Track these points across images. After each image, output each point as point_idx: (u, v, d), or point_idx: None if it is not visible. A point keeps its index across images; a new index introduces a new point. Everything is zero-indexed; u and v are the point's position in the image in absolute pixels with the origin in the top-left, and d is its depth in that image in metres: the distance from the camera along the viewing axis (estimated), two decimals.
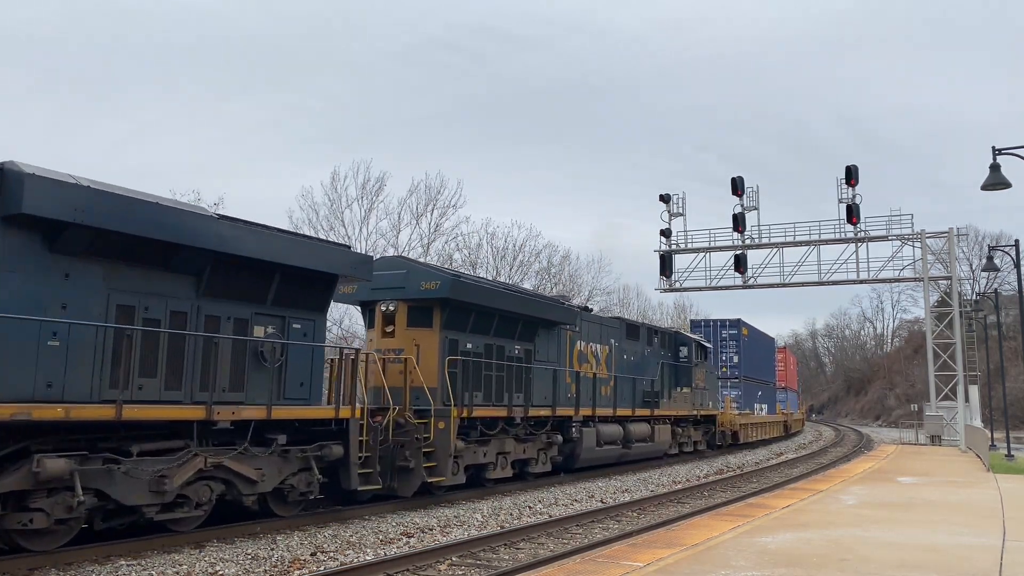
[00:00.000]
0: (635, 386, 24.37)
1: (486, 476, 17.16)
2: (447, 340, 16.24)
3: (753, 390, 43.95)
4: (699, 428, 30.00)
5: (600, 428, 21.47)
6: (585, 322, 22.12)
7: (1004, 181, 17.64)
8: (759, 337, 47.16)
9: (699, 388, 29.44)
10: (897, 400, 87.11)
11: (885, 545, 9.37)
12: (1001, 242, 52.67)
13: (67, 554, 9.70)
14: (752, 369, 43.24)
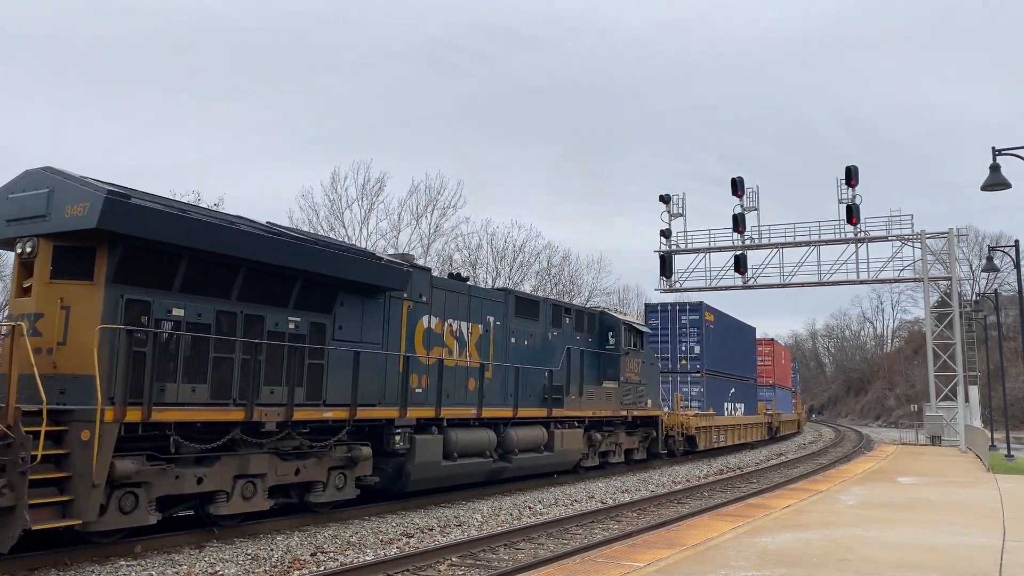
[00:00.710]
0: (524, 379, 18.22)
1: (210, 511, 11.31)
2: (123, 301, 10.36)
3: (722, 387, 36.10)
4: (635, 433, 24.14)
5: (453, 435, 15.47)
6: (439, 291, 16.20)
7: (1004, 181, 17.64)
8: (732, 326, 39.09)
9: (632, 383, 23.23)
10: (897, 400, 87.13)
11: (885, 545, 9.37)
12: (1001, 242, 52.69)
13: (67, 554, 9.70)
14: (720, 362, 35.83)
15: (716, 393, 34.53)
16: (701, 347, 33.76)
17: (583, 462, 21.03)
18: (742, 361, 40.29)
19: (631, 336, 23.56)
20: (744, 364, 40.72)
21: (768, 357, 49.60)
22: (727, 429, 33.86)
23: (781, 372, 52.71)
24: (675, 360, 33.66)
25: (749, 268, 38.60)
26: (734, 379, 38.17)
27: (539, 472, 19.14)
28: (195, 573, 9.51)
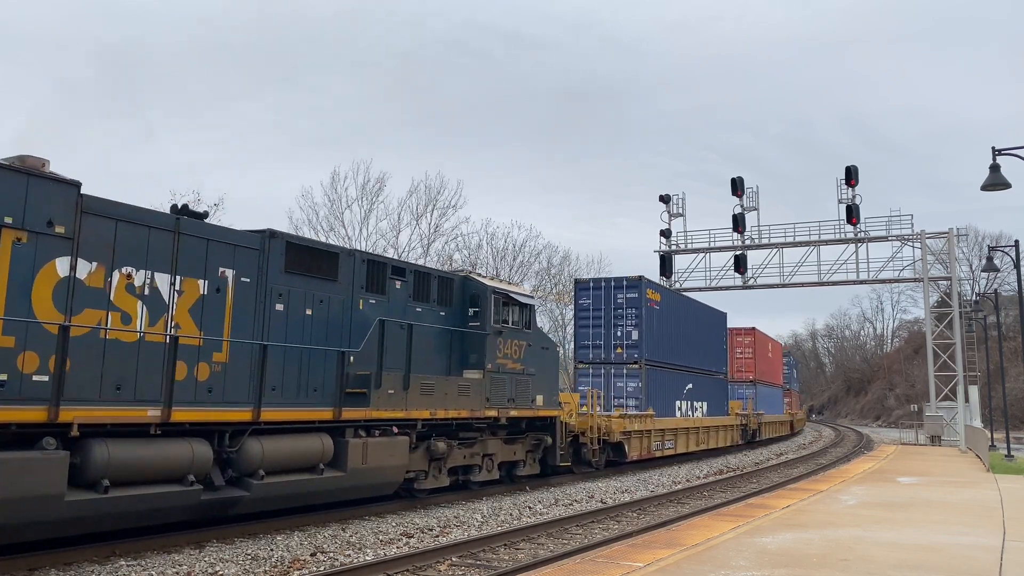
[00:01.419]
0: (299, 364, 12.87)
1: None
2: None
3: (671, 381, 28.80)
4: (520, 441, 18.15)
5: (99, 451, 9.51)
6: (102, 220, 10.32)
7: (1004, 181, 17.64)
8: (689, 309, 31.84)
9: (509, 372, 17.19)
10: (897, 400, 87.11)
11: (885, 545, 9.37)
12: (1001, 242, 52.71)
13: (67, 554, 9.70)
14: (668, 351, 28.53)
15: (661, 389, 27.83)
16: (640, 331, 26.44)
17: (418, 483, 15.08)
18: (705, 352, 32.97)
19: (510, 310, 17.41)
20: (709, 355, 33.50)
21: (748, 349, 42.80)
22: (677, 433, 27.81)
23: (767, 367, 45.96)
24: (609, 348, 27.09)
25: (749, 268, 38.71)
26: (692, 373, 31.03)
27: (318, 501, 12.90)
28: (195, 573, 9.51)
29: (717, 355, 34.98)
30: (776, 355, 50.70)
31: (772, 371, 47.52)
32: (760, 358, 43.88)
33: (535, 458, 18.89)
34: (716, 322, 35.37)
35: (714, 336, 34.76)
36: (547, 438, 18.94)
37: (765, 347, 46.42)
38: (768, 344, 48.27)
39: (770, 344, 49.21)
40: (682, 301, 31.94)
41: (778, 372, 50.32)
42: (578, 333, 28.15)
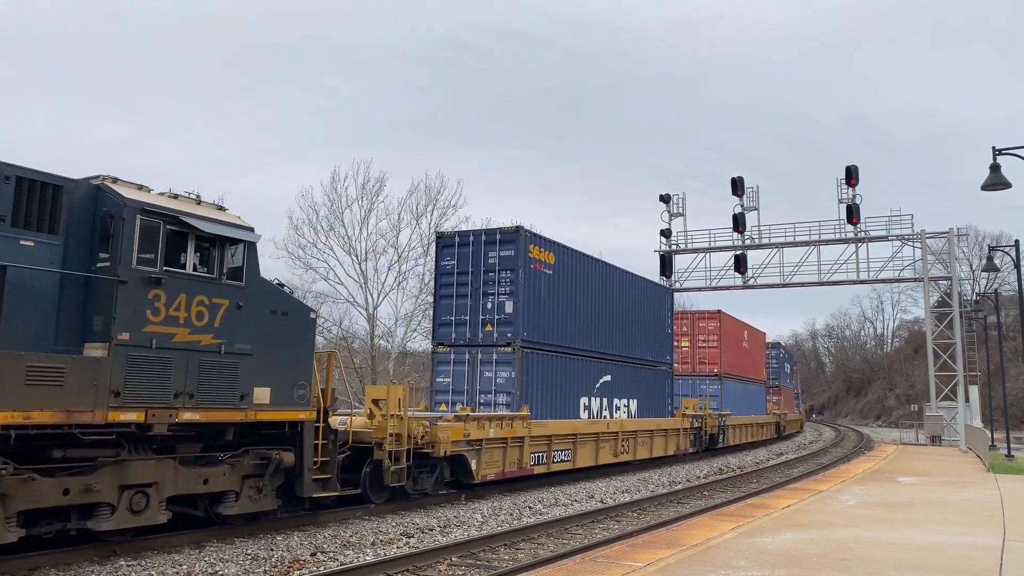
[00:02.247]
0: None
1: None
2: None
3: (574, 372, 21.82)
4: (227, 462, 11.41)
5: None
6: None
7: (1004, 181, 17.63)
8: (605, 276, 24.10)
9: (179, 347, 10.57)
10: (897, 400, 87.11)
11: (885, 545, 9.36)
12: (1001, 242, 52.70)
13: (67, 554, 9.70)
14: (566, 331, 21.43)
15: (554, 381, 20.82)
16: (517, 302, 19.50)
17: None
18: (636, 335, 25.43)
19: (187, 245, 10.88)
20: (643, 340, 26.01)
21: (713, 336, 35.05)
22: (577, 441, 20.75)
23: (742, 359, 38.67)
24: (476, 326, 20.07)
25: (749, 268, 38.69)
26: (612, 361, 23.86)
27: None
28: (195, 573, 9.51)
29: (657, 341, 27.27)
30: (756, 346, 43.19)
31: (749, 364, 40.24)
32: (729, 347, 36.43)
33: (262, 487, 11.82)
34: (654, 298, 27.27)
35: (652, 316, 27.01)
36: (283, 455, 11.93)
37: (737, 335, 38.62)
38: (743, 332, 40.13)
39: (746, 332, 40.72)
40: (595, 267, 23.59)
41: (759, 366, 43.13)
42: (437, 306, 21.11)
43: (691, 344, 35.37)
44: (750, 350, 41.31)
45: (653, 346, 27.13)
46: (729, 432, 33.01)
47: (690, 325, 35.77)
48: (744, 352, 39.87)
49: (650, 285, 27.79)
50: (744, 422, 36.56)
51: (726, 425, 32.40)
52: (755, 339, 43.33)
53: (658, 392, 27.44)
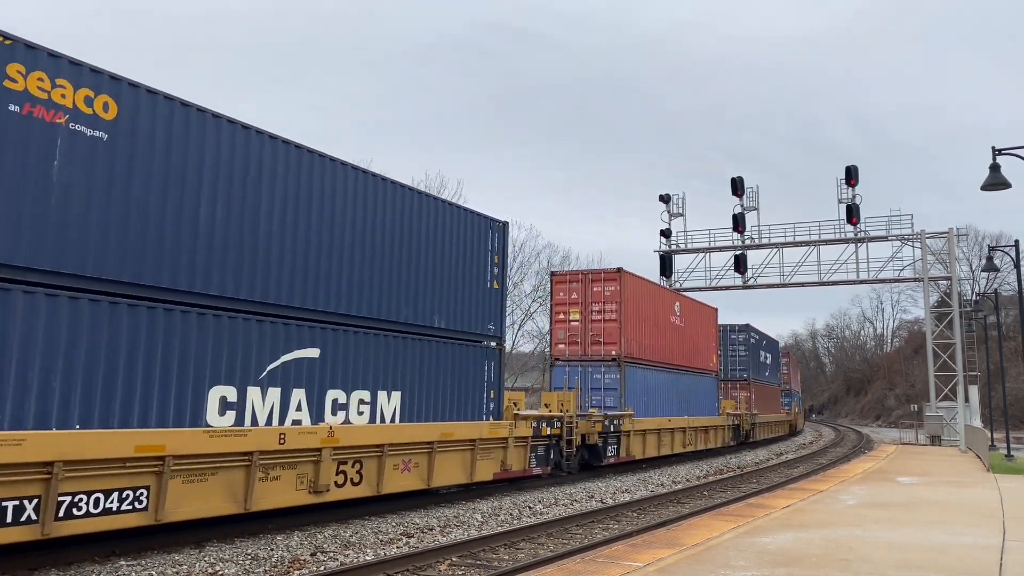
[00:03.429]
0: None
1: None
2: None
3: None
4: None
5: None
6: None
7: (1004, 181, 17.64)
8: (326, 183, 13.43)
9: None
10: (897, 400, 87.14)
11: (885, 545, 9.37)
12: (1001, 242, 52.71)
13: (67, 554, 9.70)
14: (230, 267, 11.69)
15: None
16: None
17: None
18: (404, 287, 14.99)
19: None
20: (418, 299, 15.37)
21: (611, 305, 25.12)
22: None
23: (669, 340, 28.67)
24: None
25: (749, 268, 38.74)
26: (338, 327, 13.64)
27: None
28: (195, 573, 9.52)
29: (473, 307, 17.07)
30: (699, 325, 32.33)
31: (683, 348, 30.07)
32: (638, 322, 26.12)
33: None
34: (459, 226, 16.87)
35: (472, 253, 17.18)
36: None
37: (654, 306, 27.66)
38: (668, 304, 29.21)
39: (677, 305, 30.15)
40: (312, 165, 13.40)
41: (704, 351, 32.76)
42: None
43: (582, 317, 25.36)
44: (685, 329, 30.40)
45: (470, 314, 16.99)
46: (628, 441, 23.63)
47: (582, 291, 25.47)
48: (671, 331, 28.95)
49: (469, 213, 17.27)
50: (658, 427, 26.13)
51: (621, 432, 23.13)
52: (697, 315, 32.18)
53: (480, 389, 17.17)
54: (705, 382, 32.49)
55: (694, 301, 33.10)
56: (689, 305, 31.91)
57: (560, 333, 25.62)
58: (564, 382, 24.72)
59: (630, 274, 25.74)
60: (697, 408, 30.91)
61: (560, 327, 25.68)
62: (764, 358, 45.93)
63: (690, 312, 31.59)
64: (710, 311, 34.58)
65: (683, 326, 30.27)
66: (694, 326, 31.75)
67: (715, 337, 34.82)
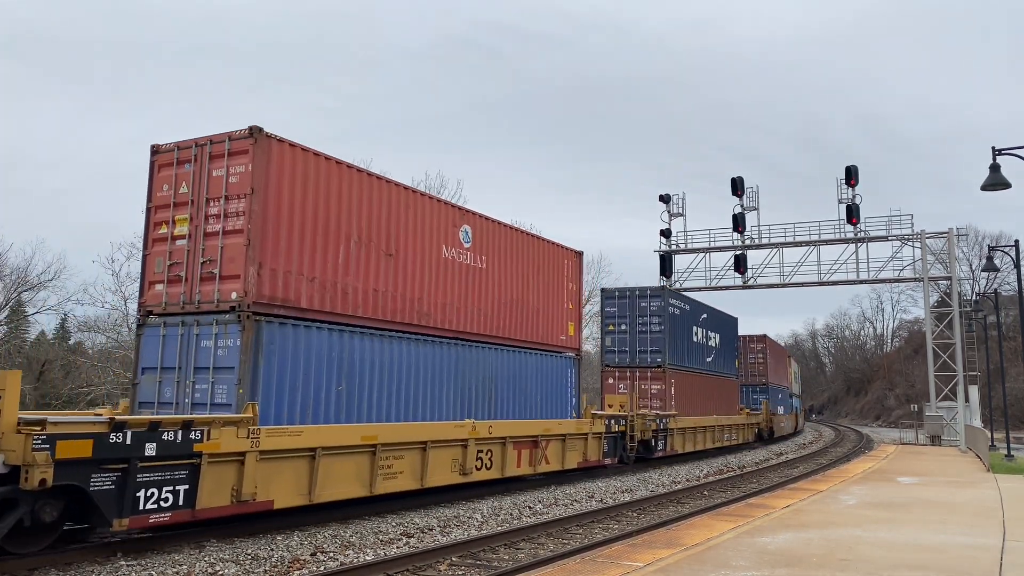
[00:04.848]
0: None
1: None
2: None
3: None
4: None
5: None
6: None
7: (1004, 181, 17.64)
8: None
9: None
10: (897, 400, 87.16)
11: (885, 545, 9.37)
12: (1001, 242, 52.73)
13: (67, 554, 9.71)
14: None
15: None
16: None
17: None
18: None
19: None
20: None
21: (238, 204, 12.42)
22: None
23: (469, 292, 17.53)
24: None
25: (749, 268, 38.71)
26: None
27: None
28: (195, 573, 9.51)
29: None
30: (537, 270, 20.49)
31: (486, 305, 18.33)
32: (306, 236, 13.40)
33: None
34: None
35: None
36: None
37: (373, 210, 15.10)
38: (445, 221, 17.06)
39: (466, 228, 17.77)
40: None
41: (547, 314, 20.89)
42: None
43: (192, 229, 13.43)
44: (489, 273, 18.33)
45: None
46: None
47: (194, 179, 13.41)
48: (447, 273, 16.85)
49: None
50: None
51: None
52: (525, 255, 19.85)
53: None
54: (549, 365, 20.51)
55: (517, 230, 19.75)
56: (501, 235, 18.74)
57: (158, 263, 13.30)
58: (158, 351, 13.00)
59: (284, 142, 12.87)
60: (515, 403, 18.98)
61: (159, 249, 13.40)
62: (701, 338, 33.49)
63: (504, 246, 18.79)
64: (563, 254, 21.48)
65: (484, 268, 17.96)
66: (517, 271, 19.24)
67: (575, 296, 22.29)
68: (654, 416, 25.81)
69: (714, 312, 35.31)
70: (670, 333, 29.32)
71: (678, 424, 28.02)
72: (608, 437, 22.41)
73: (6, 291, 42.90)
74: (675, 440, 27.81)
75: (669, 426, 27.15)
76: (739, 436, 36.44)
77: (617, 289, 30.60)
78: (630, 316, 29.53)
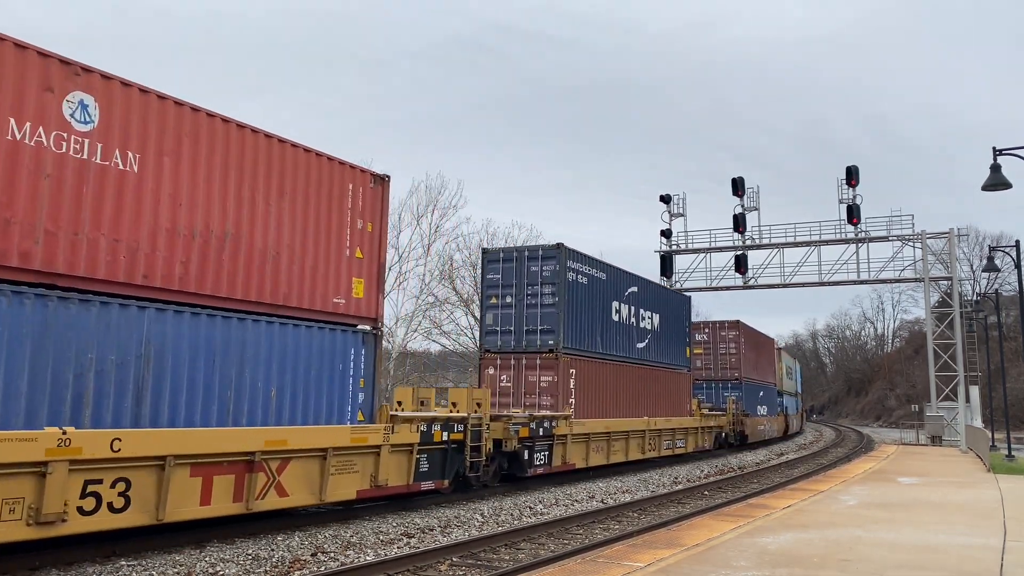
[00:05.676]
0: None
1: None
2: None
3: None
4: None
5: None
6: None
7: (1004, 181, 17.64)
8: None
9: None
10: (898, 400, 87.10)
11: (886, 545, 9.36)
12: (1002, 242, 52.70)
13: (68, 553, 9.71)
14: None
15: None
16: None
17: None
18: None
19: None
20: None
21: None
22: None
23: None
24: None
25: (750, 268, 38.72)
26: None
27: None
28: (196, 573, 9.51)
29: None
30: (296, 188, 13.11)
31: None
32: None
33: None
34: None
35: None
36: None
37: None
38: None
39: None
40: None
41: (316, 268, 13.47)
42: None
43: None
44: None
45: None
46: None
47: None
48: None
49: None
50: None
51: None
52: (286, 172, 12.88)
53: None
54: (304, 342, 12.94)
55: (225, 121, 12.08)
56: (181, 122, 11.37)
57: None
58: None
59: None
60: (216, 403, 11.47)
61: None
62: (627, 317, 25.40)
63: (194, 142, 11.52)
64: (345, 174, 14.29)
65: (130, 172, 10.61)
66: (225, 186, 11.92)
67: (373, 240, 14.69)
68: (526, 419, 18.37)
69: (651, 286, 27.56)
70: (568, 307, 21.02)
71: (574, 429, 20.24)
72: (431, 450, 15.05)
73: None
74: (570, 451, 20.12)
75: (558, 431, 19.43)
76: (691, 442, 28.96)
77: (502, 249, 22.25)
78: (517, 285, 21.37)
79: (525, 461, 18.44)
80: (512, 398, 20.95)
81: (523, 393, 20.78)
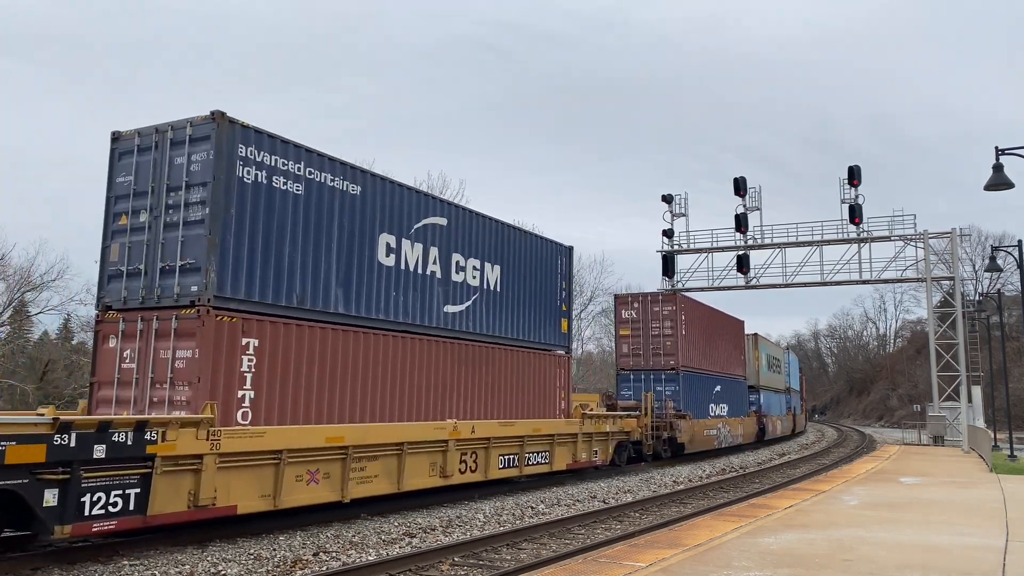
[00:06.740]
0: None
1: None
2: None
3: None
4: None
5: None
6: None
7: (1007, 181, 17.61)
8: None
9: None
10: (900, 401, 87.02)
11: (887, 545, 9.36)
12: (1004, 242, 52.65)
13: (70, 553, 9.73)
14: None
15: None
16: None
17: None
18: None
19: None
20: None
21: None
22: None
23: None
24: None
25: (751, 268, 38.68)
26: None
27: None
28: (198, 572, 9.53)
29: None
30: None
31: None
32: None
33: None
34: None
35: None
36: None
37: None
38: None
39: None
40: None
41: None
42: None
43: None
44: None
45: None
46: None
47: None
48: None
49: None
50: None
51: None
52: None
53: None
54: None
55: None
56: None
57: None
58: None
59: None
60: None
61: None
62: (396, 257, 15.79)
63: None
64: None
65: None
66: None
67: None
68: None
69: (480, 222, 18.37)
70: (237, 224, 12.21)
71: (235, 445, 11.07)
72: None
73: (9, 291, 42.97)
74: (220, 483, 10.85)
75: (167, 450, 10.19)
76: (562, 456, 20.12)
77: (139, 130, 12.84)
78: (155, 191, 12.55)
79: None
80: (138, 390, 12.02)
81: (152, 382, 11.95)
